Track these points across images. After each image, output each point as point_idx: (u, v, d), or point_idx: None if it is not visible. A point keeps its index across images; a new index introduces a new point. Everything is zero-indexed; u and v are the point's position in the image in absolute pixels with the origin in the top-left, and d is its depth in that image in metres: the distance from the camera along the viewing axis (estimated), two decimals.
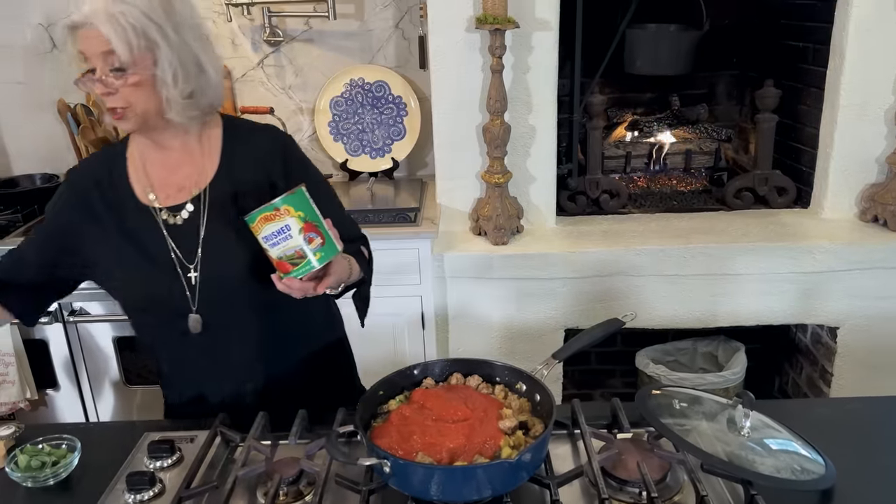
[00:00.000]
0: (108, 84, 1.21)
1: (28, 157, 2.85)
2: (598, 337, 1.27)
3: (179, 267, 1.33)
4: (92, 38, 1.19)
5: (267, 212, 1.17)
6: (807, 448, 1.14)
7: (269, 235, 1.17)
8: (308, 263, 1.18)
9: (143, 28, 1.19)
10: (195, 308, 1.33)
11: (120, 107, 1.23)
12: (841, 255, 2.22)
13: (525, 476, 1.06)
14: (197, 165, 1.36)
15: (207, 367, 1.39)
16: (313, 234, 1.18)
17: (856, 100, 2.24)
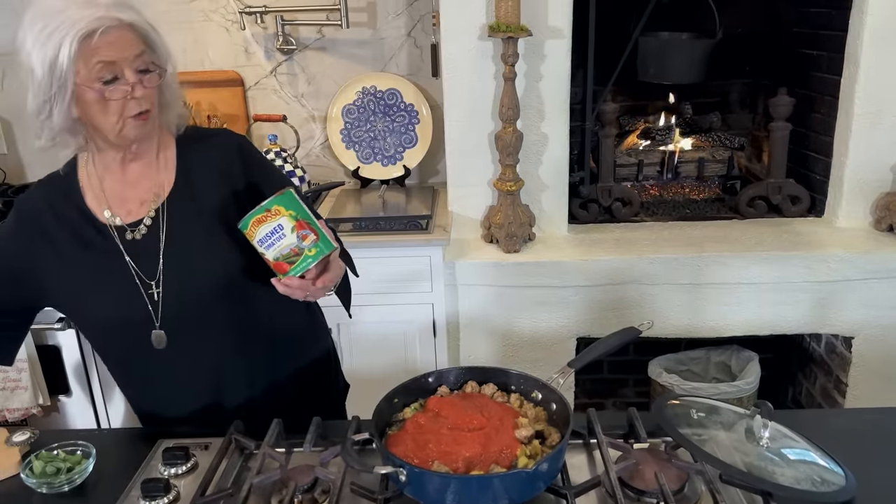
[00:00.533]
0: (145, 84, 1.22)
1: (42, 163, 2.85)
2: (615, 346, 1.26)
3: (140, 284, 1.30)
4: (122, 41, 1.19)
5: (258, 214, 1.19)
6: (826, 459, 1.13)
7: (264, 238, 1.19)
8: (304, 260, 1.19)
9: (153, 25, 1.24)
10: (158, 324, 1.31)
11: (149, 108, 1.24)
12: (856, 265, 2.20)
13: (542, 486, 1.05)
14: (155, 179, 1.34)
15: (175, 383, 1.38)
16: (306, 232, 1.20)
17: (870, 108, 2.23)
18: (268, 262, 1.21)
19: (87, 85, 1.19)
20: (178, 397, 1.39)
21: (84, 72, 1.18)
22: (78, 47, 1.15)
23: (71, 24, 1.15)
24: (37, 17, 1.18)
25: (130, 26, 1.20)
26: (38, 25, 1.17)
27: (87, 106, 1.21)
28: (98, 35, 1.16)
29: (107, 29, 1.16)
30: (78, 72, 1.17)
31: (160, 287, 1.31)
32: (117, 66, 1.19)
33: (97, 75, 1.18)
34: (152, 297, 1.31)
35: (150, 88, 1.23)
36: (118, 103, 1.21)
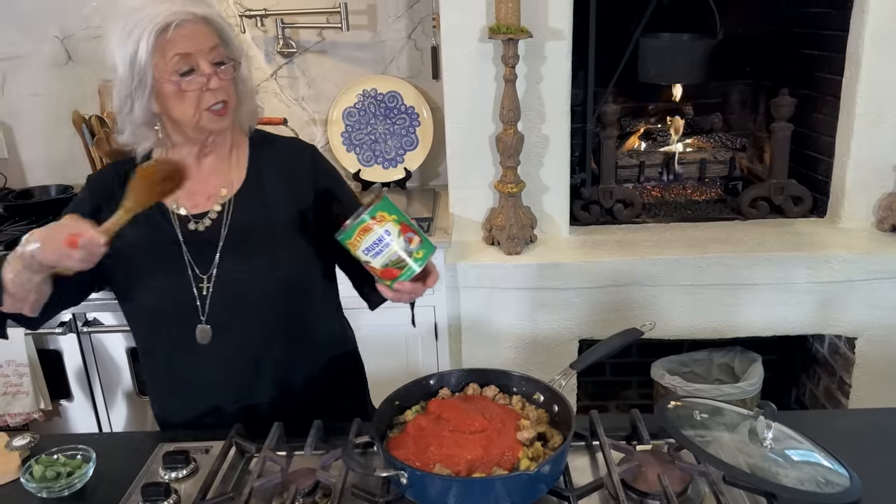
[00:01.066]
0: (222, 76, 1.24)
1: (43, 168, 2.87)
2: (617, 347, 1.26)
3: (192, 276, 1.32)
4: (196, 33, 1.23)
5: (364, 222, 1.15)
6: (830, 460, 1.12)
7: (371, 246, 1.16)
8: (416, 261, 1.17)
9: (226, 22, 1.28)
10: (204, 319, 1.33)
11: (225, 99, 1.26)
12: (859, 265, 2.19)
13: (544, 489, 1.05)
14: (226, 176, 1.37)
15: (211, 382, 1.38)
16: (411, 235, 1.17)
17: (872, 108, 2.22)
18: (372, 270, 1.18)
19: (164, 78, 1.23)
20: (210, 396, 1.38)
21: (161, 65, 1.22)
22: (155, 41, 1.21)
23: (148, 20, 1.20)
24: (118, 16, 1.24)
25: (204, 20, 1.24)
26: (119, 24, 1.23)
27: (166, 99, 1.25)
28: (173, 28, 1.21)
29: (181, 22, 1.21)
30: (156, 65, 1.22)
31: (211, 282, 1.32)
32: (193, 59, 1.23)
33: (174, 67, 1.23)
34: (201, 290, 1.32)
35: (225, 80, 1.26)
36: (195, 95, 1.24)
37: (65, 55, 2.75)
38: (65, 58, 2.76)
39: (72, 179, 2.80)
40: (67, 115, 2.68)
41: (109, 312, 2.34)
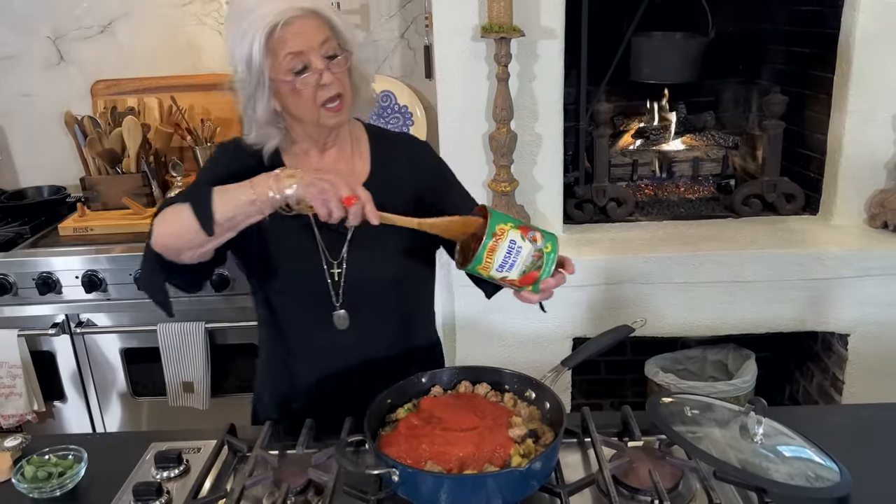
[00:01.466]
0: (333, 70, 1.24)
1: (35, 169, 2.86)
2: (607, 344, 1.26)
3: (325, 262, 1.34)
4: (306, 29, 1.22)
5: (489, 242, 1.12)
6: (820, 455, 1.13)
7: (503, 262, 1.13)
8: (549, 257, 1.14)
9: (335, 13, 1.27)
10: (339, 304, 1.35)
11: (340, 93, 1.26)
12: (851, 262, 2.20)
13: (536, 485, 1.05)
14: (350, 166, 1.39)
15: (343, 370, 1.38)
16: (532, 233, 1.15)
17: (863, 105, 2.23)
18: (511, 283, 1.16)
19: (279, 78, 1.24)
20: (337, 385, 1.38)
21: (275, 65, 1.23)
22: (266, 41, 1.21)
23: (260, 20, 1.20)
24: (233, 18, 1.25)
25: (313, 13, 1.23)
26: (235, 26, 1.24)
27: (284, 98, 1.26)
28: (281, 27, 1.21)
29: (290, 20, 1.21)
30: (270, 66, 1.23)
31: (342, 268, 1.34)
32: (305, 56, 1.23)
33: (287, 67, 1.23)
34: (333, 276, 1.34)
35: (338, 73, 1.26)
36: (310, 92, 1.25)
37: (57, 55, 2.75)
38: (57, 58, 2.75)
39: (64, 180, 2.80)
40: (60, 115, 2.68)
41: (103, 314, 2.34)
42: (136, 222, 2.46)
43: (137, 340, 2.37)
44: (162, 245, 1.22)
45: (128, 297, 2.31)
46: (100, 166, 2.56)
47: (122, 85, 2.75)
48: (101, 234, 2.43)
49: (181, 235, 1.19)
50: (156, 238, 1.23)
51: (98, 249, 2.32)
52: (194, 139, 2.65)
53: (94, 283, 2.28)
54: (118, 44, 2.74)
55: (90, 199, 2.56)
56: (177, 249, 1.21)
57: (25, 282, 2.29)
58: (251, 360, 2.38)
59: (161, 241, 1.22)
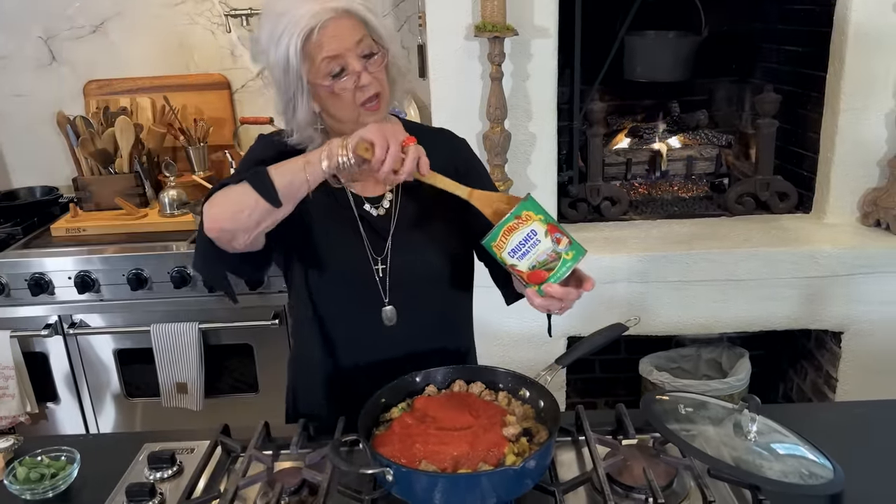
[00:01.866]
0: (370, 70, 1.22)
1: (27, 169, 2.85)
2: (601, 342, 1.26)
3: (370, 258, 1.34)
4: (341, 30, 1.20)
5: (509, 222, 1.10)
6: (814, 452, 1.13)
7: (517, 246, 1.11)
8: (564, 264, 1.11)
9: (368, 5, 1.23)
10: (387, 300, 1.34)
11: (378, 92, 1.24)
12: (844, 260, 2.21)
13: (530, 483, 1.05)
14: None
15: (390, 367, 1.34)
16: (559, 235, 1.12)
17: (856, 104, 2.23)
18: (519, 273, 1.12)
19: (317, 82, 1.23)
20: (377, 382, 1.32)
21: (313, 69, 1.22)
22: (302, 46, 1.19)
23: (294, 25, 1.18)
24: (266, 20, 1.23)
25: (347, 13, 1.21)
26: (268, 29, 1.22)
27: (323, 100, 1.25)
28: (317, 31, 1.19)
29: (325, 23, 1.19)
30: (308, 70, 1.21)
31: (387, 264, 1.34)
32: (342, 58, 1.21)
33: (325, 71, 1.21)
34: (377, 272, 1.34)
35: (375, 73, 1.24)
36: (350, 94, 1.23)
37: (49, 55, 2.74)
38: (49, 58, 2.74)
39: (56, 181, 2.79)
40: (52, 115, 2.67)
41: (96, 314, 2.33)
42: (128, 222, 2.45)
43: (131, 341, 2.36)
44: (217, 228, 1.18)
45: (121, 298, 2.30)
46: (92, 166, 2.55)
47: (114, 85, 2.74)
48: (93, 234, 2.42)
49: (239, 213, 1.16)
50: (210, 221, 1.18)
51: (91, 250, 2.31)
52: (187, 139, 2.64)
53: (87, 283, 2.27)
54: (110, 44, 2.73)
55: (83, 200, 2.55)
56: (232, 232, 1.18)
57: (18, 283, 2.28)
58: (245, 360, 2.41)
59: (216, 225, 1.18)
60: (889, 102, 2.23)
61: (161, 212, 2.49)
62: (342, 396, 1.41)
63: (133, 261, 2.27)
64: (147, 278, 2.27)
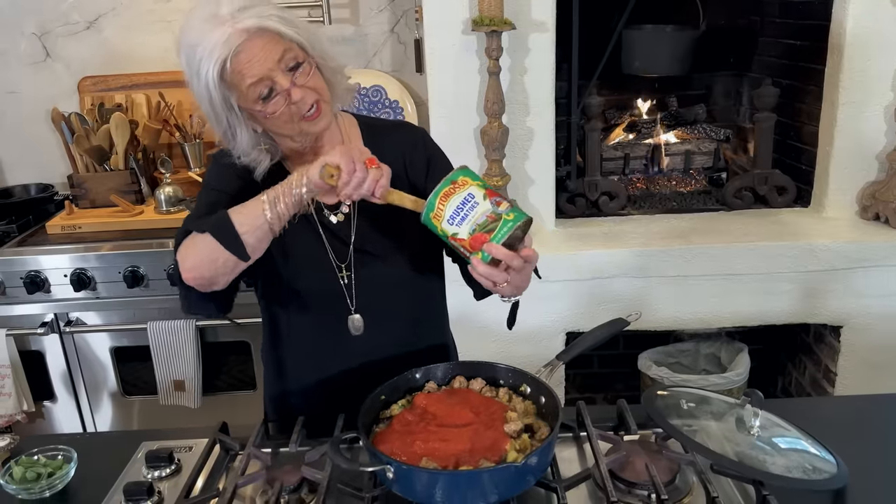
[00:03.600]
0: (300, 83, 1.18)
1: (22, 166, 2.83)
2: (603, 337, 1.25)
3: (335, 266, 1.32)
4: (258, 51, 1.14)
5: (445, 187, 1.07)
6: (817, 447, 1.12)
7: (455, 211, 1.07)
8: (504, 224, 1.06)
9: (282, 13, 1.18)
10: (354, 308, 1.32)
11: (315, 100, 1.20)
12: (843, 254, 2.20)
13: (532, 480, 1.04)
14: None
15: (358, 374, 1.34)
16: (498, 199, 1.08)
17: (855, 97, 2.23)
18: (461, 242, 1.09)
19: (248, 107, 1.19)
20: (346, 388, 1.31)
21: (241, 96, 1.18)
22: (223, 77, 1.15)
23: (208, 55, 1.13)
24: (182, 53, 1.18)
25: (260, 31, 1.15)
26: (185, 61, 1.17)
27: (262, 122, 1.22)
28: (231, 59, 1.14)
29: (238, 48, 1.13)
30: (237, 97, 1.18)
31: (351, 271, 1.32)
32: (267, 79, 1.16)
33: (253, 96, 1.17)
34: (342, 279, 1.32)
35: (307, 83, 1.19)
36: (285, 112, 1.19)
37: (43, 52, 2.72)
38: (43, 55, 2.72)
39: (51, 178, 2.77)
40: (46, 112, 2.65)
41: (92, 312, 2.32)
42: (124, 219, 2.43)
43: (127, 339, 2.35)
44: (196, 278, 1.19)
45: (117, 296, 2.29)
46: (87, 163, 2.54)
47: (109, 81, 2.72)
48: (89, 231, 2.41)
49: (215, 261, 1.16)
50: (188, 272, 1.19)
51: (87, 247, 2.29)
52: (183, 135, 2.62)
53: (83, 281, 2.25)
54: (105, 40, 2.71)
55: (78, 197, 2.53)
56: (211, 279, 1.19)
57: (13, 281, 2.26)
58: (243, 357, 2.39)
59: (194, 275, 1.19)
60: (888, 96, 2.22)
61: (157, 209, 2.47)
62: (310, 402, 1.40)
63: (129, 258, 2.25)
64: (143, 275, 2.26)
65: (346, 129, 1.38)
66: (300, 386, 1.42)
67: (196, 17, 1.16)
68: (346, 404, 1.27)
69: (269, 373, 1.48)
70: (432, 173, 1.38)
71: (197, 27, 1.15)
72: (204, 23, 1.14)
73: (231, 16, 1.14)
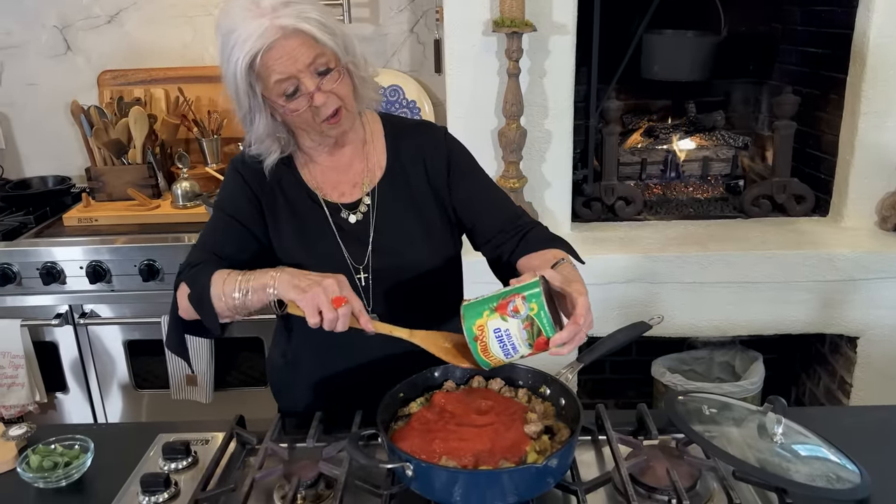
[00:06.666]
0: (325, 88, 1.19)
1: (40, 158, 2.84)
2: (624, 341, 1.24)
3: (351, 267, 1.31)
4: (290, 51, 1.15)
5: (476, 346, 1.06)
6: (839, 456, 1.11)
7: (503, 351, 1.07)
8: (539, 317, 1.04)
9: (322, 17, 1.18)
10: (371, 308, 1.32)
11: (337, 107, 1.21)
12: (861, 264, 2.18)
13: (552, 482, 1.03)
14: (366, 163, 1.35)
15: (373, 371, 1.33)
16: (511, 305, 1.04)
17: (876, 107, 2.21)
18: (532, 355, 1.10)
19: (272, 99, 1.20)
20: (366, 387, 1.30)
21: (267, 87, 1.19)
22: (250, 69, 1.16)
23: (241, 44, 1.14)
24: (218, 35, 1.19)
25: (296, 32, 1.15)
26: (220, 45, 1.19)
27: (282, 116, 1.23)
28: (263, 54, 1.15)
29: (271, 45, 1.14)
30: (263, 88, 1.19)
31: (369, 272, 1.31)
32: (294, 79, 1.18)
33: (278, 92, 1.19)
34: (360, 280, 1.31)
35: (332, 89, 1.20)
36: (306, 112, 1.20)
37: (63, 45, 2.73)
38: (63, 47, 2.73)
39: (69, 171, 2.78)
40: (65, 105, 2.67)
41: (105, 305, 2.32)
42: (141, 213, 2.44)
43: (140, 332, 2.35)
44: (191, 318, 1.23)
45: (132, 289, 2.29)
46: (105, 157, 2.54)
47: (129, 75, 2.73)
48: (105, 224, 2.41)
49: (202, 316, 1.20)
50: (185, 312, 1.23)
51: (102, 240, 2.30)
52: (200, 131, 2.63)
53: (99, 273, 2.26)
54: (125, 34, 2.72)
55: (95, 190, 2.54)
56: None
57: (29, 272, 2.27)
58: (255, 353, 2.39)
59: (191, 316, 1.23)
60: None
61: (173, 203, 2.47)
62: (323, 401, 1.39)
63: (145, 251, 2.26)
64: (159, 269, 2.26)
65: (370, 127, 1.38)
66: (310, 382, 1.42)
67: (237, 3, 1.16)
68: (357, 402, 1.28)
69: (278, 368, 1.47)
70: (453, 175, 1.38)
71: (236, 13, 1.16)
72: (244, 10, 1.15)
73: (272, 9, 1.14)
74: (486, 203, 1.38)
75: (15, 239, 2.33)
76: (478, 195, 1.38)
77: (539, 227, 1.38)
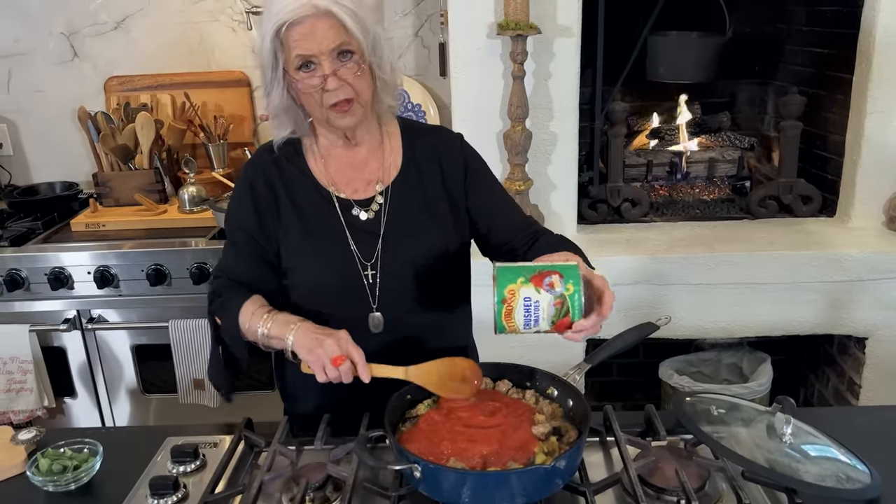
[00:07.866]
0: (341, 75, 1.20)
1: (48, 164, 2.85)
2: (631, 341, 1.24)
3: (359, 264, 1.32)
4: (316, 30, 1.18)
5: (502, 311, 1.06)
6: (848, 456, 1.10)
7: (525, 321, 1.07)
8: (572, 298, 1.05)
9: (357, 9, 1.20)
10: (375, 306, 1.32)
11: (348, 97, 1.22)
12: (869, 264, 2.17)
13: (560, 483, 1.03)
14: (381, 163, 1.36)
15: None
16: (548, 279, 1.06)
17: (883, 107, 2.20)
18: (548, 332, 1.10)
19: (290, 74, 1.22)
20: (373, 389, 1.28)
21: (288, 60, 1.21)
22: (276, 38, 1.19)
23: (275, 13, 1.18)
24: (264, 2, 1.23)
25: (328, 14, 1.18)
26: (264, 10, 1.23)
27: (297, 93, 1.25)
28: (289, 26, 1.18)
29: (300, 19, 1.17)
30: (285, 59, 1.21)
31: (377, 269, 1.32)
32: (315, 58, 1.20)
33: (296, 64, 1.21)
34: (367, 278, 1.32)
35: (348, 78, 1.21)
36: (317, 93, 1.22)
37: (70, 51, 2.74)
38: (70, 54, 2.75)
39: (76, 176, 2.79)
40: (73, 111, 2.68)
41: (113, 309, 2.33)
42: (148, 218, 2.45)
43: (148, 337, 2.36)
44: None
45: (139, 294, 2.30)
46: (112, 162, 2.56)
47: (135, 81, 2.74)
48: (113, 229, 2.43)
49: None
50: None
51: (110, 245, 2.31)
52: (207, 136, 2.64)
53: (106, 278, 2.27)
54: (132, 40, 2.73)
55: (102, 195, 2.55)
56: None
57: (37, 277, 2.28)
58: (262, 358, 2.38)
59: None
60: None
61: (180, 208, 2.49)
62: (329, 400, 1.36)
63: (152, 256, 2.26)
64: (166, 274, 2.27)
65: (386, 128, 1.39)
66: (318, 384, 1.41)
67: None
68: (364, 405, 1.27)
69: (287, 370, 1.48)
70: (470, 181, 1.39)
71: None
72: None
73: None
74: (502, 212, 1.41)
75: (23, 245, 2.34)
76: (495, 204, 1.41)
77: (550, 233, 1.41)
